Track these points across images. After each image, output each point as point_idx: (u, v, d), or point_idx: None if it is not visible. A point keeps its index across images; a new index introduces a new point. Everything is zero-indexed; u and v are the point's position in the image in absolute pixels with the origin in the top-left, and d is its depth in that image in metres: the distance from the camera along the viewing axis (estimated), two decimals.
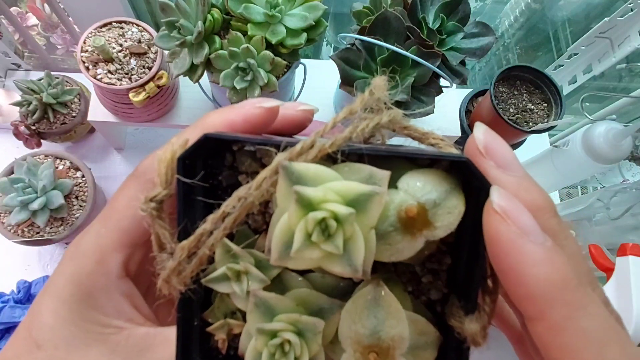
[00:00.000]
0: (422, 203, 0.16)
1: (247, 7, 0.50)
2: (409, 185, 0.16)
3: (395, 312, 0.16)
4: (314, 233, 0.15)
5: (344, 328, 0.17)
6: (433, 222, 0.16)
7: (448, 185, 0.16)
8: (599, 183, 0.93)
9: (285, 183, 0.15)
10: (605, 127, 0.61)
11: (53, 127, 0.69)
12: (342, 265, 0.15)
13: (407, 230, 0.16)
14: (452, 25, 0.53)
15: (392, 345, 0.16)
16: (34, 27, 0.89)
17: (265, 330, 0.17)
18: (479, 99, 0.77)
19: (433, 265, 0.18)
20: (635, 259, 0.47)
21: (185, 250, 0.17)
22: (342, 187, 0.15)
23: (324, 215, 0.15)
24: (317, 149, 0.16)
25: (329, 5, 0.54)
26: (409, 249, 0.16)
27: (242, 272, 0.18)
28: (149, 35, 0.62)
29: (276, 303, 0.17)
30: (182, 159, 0.17)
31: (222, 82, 0.52)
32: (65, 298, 0.20)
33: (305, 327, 0.17)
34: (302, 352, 0.17)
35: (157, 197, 0.18)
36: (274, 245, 0.16)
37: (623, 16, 0.66)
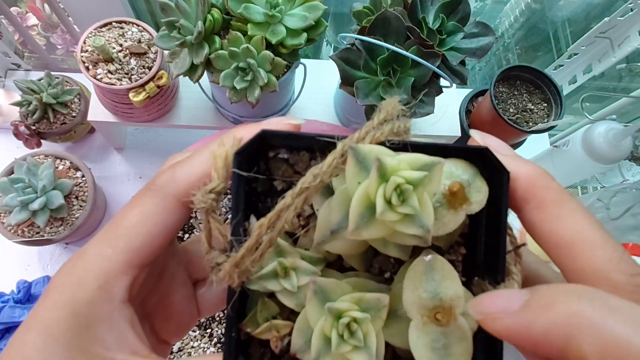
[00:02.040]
0: (460, 182, 0.18)
1: (247, 7, 0.50)
2: (445, 169, 0.18)
3: (449, 274, 0.18)
4: (392, 197, 0.16)
5: (407, 295, 0.18)
6: (470, 198, 0.18)
7: (473, 170, 0.19)
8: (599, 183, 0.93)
9: (354, 161, 0.17)
10: (605, 127, 0.61)
11: (53, 127, 0.69)
12: (416, 227, 0.17)
13: (451, 205, 0.18)
14: (452, 25, 0.53)
15: (452, 304, 0.18)
16: (34, 27, 0.89)
17: (333, 310, 0.17)
18: (479, 99, 0.77)
19: (450, 256, 0.20)
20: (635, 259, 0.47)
21: (265, 227, 0.18)
22: (410, 158, 0.17)
23: (401, 181, 0.16)
24: (370, 137, 0.18)
25: (329, 5, 0.54)
26: (453, 221, 0.18)
27: (290, 268, 0.19)
28: (149, 35, 0.62)
29: (335, 288, 0.18)
30: (238, 154, 0.18)
31: (222, 82, 0.52)
32: (59, 333, 0.17)
33: (369, 304, 0.18)
34: (368, 330, 0.17)
35: (215, 189, 0.19)
36: (352, 216, 0.17)
37: (623, 16, 0.66)
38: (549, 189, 0.19)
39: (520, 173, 0.19)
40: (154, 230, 0.19)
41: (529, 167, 0.20)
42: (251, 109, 0.56)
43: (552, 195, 0.19)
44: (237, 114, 0.65)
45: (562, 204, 0.19)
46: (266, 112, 0.66)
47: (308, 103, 0.70)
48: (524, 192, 0.19)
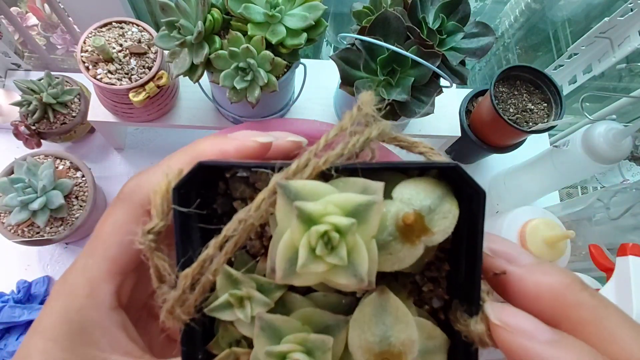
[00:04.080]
0: (418, 210, 0.16)
1: (247, 7, 0.50)
2: (403, 194, 0.17)
3: (402, 316, 0.17)
4: (317, 247, 0.15)
5: (354, 338, 0.17)
6: (430, 227, 0.16)
7: (440, 192, 0.17)
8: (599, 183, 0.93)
9: (284, 201, 0.16)
10: (605, 127, 0.61)
11: (53, 127, 0.69)
12: (348, 277, 0.15)
13: (407, 238, 0.16)
14: (452, 25, 0.53)
15: (403, 350, 0.16)
16: (34, 27, 0.89)
17: (274, 353, 0.17)
18: (479, 99, 0.77)
19: (432, 273, 0.19)
20: (635, 259, 0.47)
21: (189, 278, 0.17)
22: (340, 200, 0.15)
23: (326, 228, 0.15)
24: (311, 167, 0.16)
25: (329, 5, 0.54)
26: (410, 256, 0.16)
27: (244, 298, 0.18)
28: (149, 35, 0.62)
29: (282, 324, 0.17)
30: (177, 188, 0.17)
31: (222, 82, 0.52)
32: (56, 337, 0.19)
33: (314, 345, 0.17)
34: None
35: (154, 229, 0.18)
36: (279, 264, 0.16)
37: (623, 16, 0.66)
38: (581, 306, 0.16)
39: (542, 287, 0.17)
40: (126, 240, 0.19)
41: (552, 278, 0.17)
42: (251, 109, 0.56)
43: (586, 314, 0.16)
44: (237, 114, 0.65)
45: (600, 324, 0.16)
46: (266, 112, 0.66)
47: (308, 103, 0.70)
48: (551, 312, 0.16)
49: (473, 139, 0.74)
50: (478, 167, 0.86)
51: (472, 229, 0.17)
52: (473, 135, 0.74)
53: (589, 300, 0.16)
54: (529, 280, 0.17)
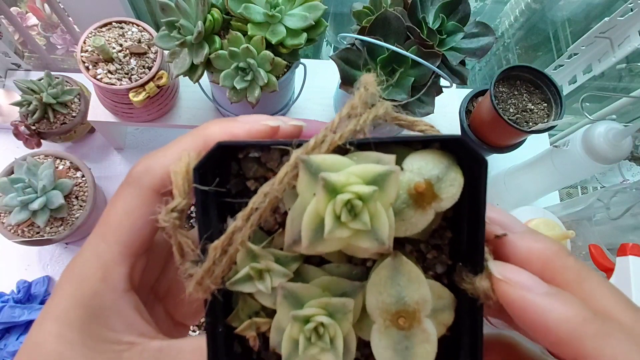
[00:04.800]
0: (428, 179, 0.18)
1: (247, 7, 0.50)
2: (413, 165, 0.18)
3: (415, 278, 0.18)
4: (342, 214, 0.16)
5: (371, 300, 0.18)
6: (439, 194, 0.18)
7: (446, 162, 0.18)
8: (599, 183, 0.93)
9: (306, 174, 0.17)
10: (605, 127, 0.61)
11: (53, 127, 0.69)
12: (371, 240, 0.17)
13: (418, 205, 0.18)
14: (452, 25, 0.53)
15: (417, 308, 0.18)
16: (34, 27, 0.89)
17: (299, 317, 0.18)
18: (479, 99, 0.77)
19: (436, 240, 0.20)
20: (635, 259, 0.47)
21: (219, 250, 0.18)
22: (361, 170, 0.17)
23: (350, 197, 0.16)
24: (328, 142, 0.18)
25: (329, 5, 0.54)
26: (421, 221, 0.18)
27: (264, 270, 0.19)
28: (149, 35, 0.62)
29: (303, 292, 0.18)
30: (197, 169, 0.18)
31: (222, 82, 0.52)
32: (71, 321, 0.19)
33: (335, 308, 0.18)
34: (335, 332, 0.18)
35: (177, 207, 0.19)
36: (305, 232, 0.17)
37: (623, 16, 0.66)
38: (567, 268, 0.19)
39: (533, 252, 0.19)
40: (138, 223, 0.20)
41: (542, 244, 0.19)
42: (251, 109, 0.56)
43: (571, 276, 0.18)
44: (237, 113, 0.65)
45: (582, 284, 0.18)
46: (266, 112, 0.66)
47: (308, 103, 0.70)
48: (540, 274, 0.18)
49: (473, 139, 0.73)
50: None
51: (475, 196, 0.18)
52: (473, 135, 0.74)
53: (573, 264, 0.19)
54: (522, 245, 0.19)
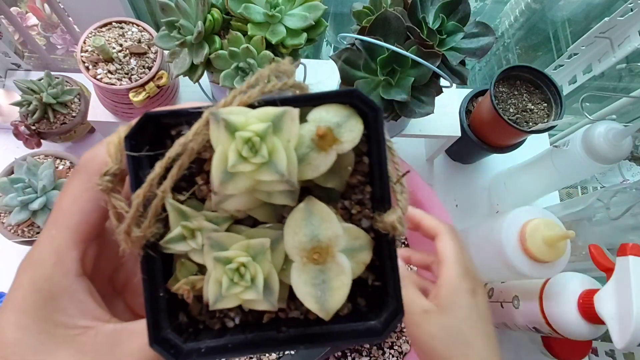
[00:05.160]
0: (328, 125, 0.20)
1: (247, 7, 0.50)
2: (316, 116, 0.20)
3: (327, 217, 0.20)
4: (243, 150, 0.18)
5: (288, 241, 0.20)
6: (339, 138, 0.20)
7: (347, 112, 0.20)
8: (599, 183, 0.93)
9: (215, 125, 0.18)
10: (605, 127, 0.61)
11: (53, 127, 0.69)
12: (271, 173, 0.18)
13: (321, 148, 0.20)
14: (452, 25, 0.53)
15: (330, 243, 0.20)
16: (34, 27, 0.89)
17: (221, 258, 0.20)
18: (479, 99, 0.77)
19: (357, 196, 0.22)
20: (635, 259, 0.47)
21: (141, 197, 0.19)
22: (259, 112, 0.19)
23: (249, 135, 0.18)
24: (237, 101, 0.19)
25: (329, 5, 0.54)
26: (324, 163, 0.20)
27: (196, 229, 0.20)
28: (149, 35, 0.62)
29: (228, 240, 0.20)
30: (128, 137, 0.20)
31: (222, 82, 0.52)
32: (27, 308, 0.20)
33: (255, 249, 0.20)
34: (256, 271, 0.20)
35: (109, 172, 0.20)
36: (214, 173, 0.18)
37: (623, 16, 0.66)
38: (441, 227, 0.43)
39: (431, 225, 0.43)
40: (85, 207, 0.21)
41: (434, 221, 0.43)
42: None
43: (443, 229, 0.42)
44: None
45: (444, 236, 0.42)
46: None
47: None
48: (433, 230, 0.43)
49: (473, 139, 0.74)
50: (478, 167, 0.86)
51: (377, 142, 0.21)
52: (473, 135, 0.74)
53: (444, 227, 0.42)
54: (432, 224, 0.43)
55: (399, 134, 0.68)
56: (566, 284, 0.55)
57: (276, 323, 0.21)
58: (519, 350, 0.74)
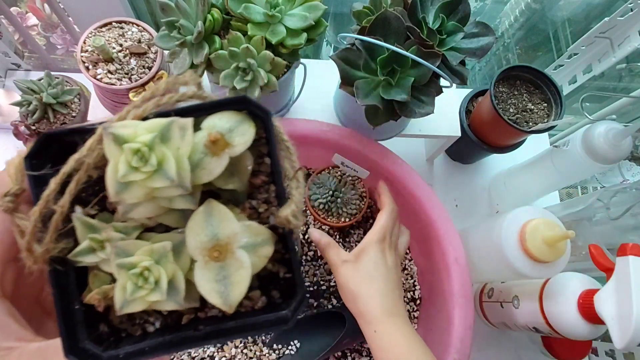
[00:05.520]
0: (219, 131, 0.21)
1: (247, 7, 0.50)
2: (209, 123, 0.22)
3: (225, 216, 0.21)
4: (133, 160, 0.19)
5: (190, 242, 0.21)
6: (231, 142, 0.21)
7: (239, 118, 0.22)
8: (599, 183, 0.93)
9: (107, 140, 0.19)
10: (605, 127, 0.61)
11: (53, 127, 0.69)
12: (162, 179, 0.19)
13: (214, 153, 0.21)
14: (452, 25, 0.53)
15: (229, 241, 0.21)
16: (34, 27, 0.89)
17: (125, 264, 0.20)
18: (479, 99, 0.77)
19: (263, 195, 0.23)
20: (635, 259, 0.47)
21: (37, 213, 0.20)
22: (148, 124, 0.20)
23: (138, 146, 0.19)
24: (132, 115, 0.20)
25: (329, 5, 0.54)
26: (218, 166, 0.21)
27: (105, 240, 0.21)
28: (149, 35, 0.62)
29: (134, 247, 0.21)
30: (27, 157, 0.20)
31: (222, 82, 0.52)
32: None
33: (158, 253, 0.21)
34: (160, 273, 0.20)
35: (10, 192, 0.21)
36: (109, 183, 0.20)
37: (623, 16, 0.66)
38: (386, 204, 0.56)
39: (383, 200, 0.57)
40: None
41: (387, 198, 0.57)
42: None
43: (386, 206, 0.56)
44: None
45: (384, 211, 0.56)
46: None
47: (308, 103, 0.70)
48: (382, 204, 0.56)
49: (473, 139, 0.74)
50: (478, 167, 0.86)
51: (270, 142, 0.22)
52: (473, 135, 0.74)
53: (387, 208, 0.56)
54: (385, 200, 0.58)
55: (399, 134, 0.68)
56: (566, 284, 0.55)
57: (195, 323, 0.22)
58: (519, 350, 0.74)
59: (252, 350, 0.60)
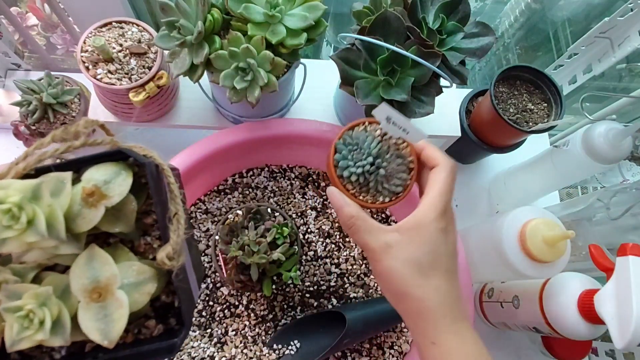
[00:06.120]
0: (95, 184, 0.23)
1: (247, 7, 0.50)
2: (87, 176, 0.23)
3: (106, 260, 0.23)
4: (4, 219, 0.21)
5: (74, 284, 0.23)
6: (108, 194, 0.23)
7: (118, 168, 0.23)
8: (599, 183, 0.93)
9: None
10: (605, 127, 0.61)
11: (53, 127, 0.69)
12: (34, 235, 0.21)
13: (90, 205, 0.23)
14: (452, 25, 0.53)
15: (109, 283, 0.22)
16: (34, 27, 0.89)
17: (11, 308, 0.22)
18: (479, 99, 0.77)
19: (156, 232, 0.25)
20: (635, 259, 0.47)
21: None
22: (20, 185, 0.22)
23: (9, 206, 0.21)
24: (13, 171, 0.23)
25: (329, 5, 0.54)
26: (95, 216, 0.23)
27: (1, 282, 0.22)
28: (149, 35, 0.62)
29: (23, 290, 0.22)
30: None
31: (222, 82, 0.52)
32: None
33: (44, 296, 0.22)
34: (44, 315, 0.22)
35: None
36: None
37: (623, 16, 0.66)
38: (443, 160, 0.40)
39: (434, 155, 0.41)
40: None
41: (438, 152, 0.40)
42: (251, 109, 0.56)
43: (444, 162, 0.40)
44: (237, 114, 0.65)
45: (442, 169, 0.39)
46: (266, 112, 0.66)
47: (308, 103, 0.70)
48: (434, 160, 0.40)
49: (473, 139, 0.74)
50: (478, 167, 0.86)
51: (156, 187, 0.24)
52: (473, 135, 0.74)
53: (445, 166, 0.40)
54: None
55: None
56: (566, 284, 0.55)
57: (97, 350, 0.24)
58: (519, 350, 0.74)
59: (252, 350, 0.60)
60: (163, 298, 0.25)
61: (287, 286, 0.64)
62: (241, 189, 0.69)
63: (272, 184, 0.69)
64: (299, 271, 0.65)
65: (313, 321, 0.62)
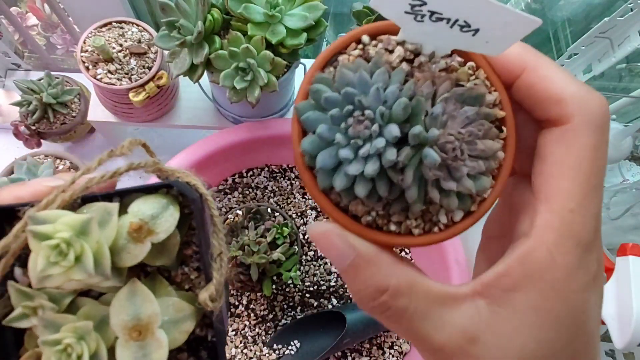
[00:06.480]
0: (142, 218, 0.22)
1: (247, 7, 0.50)
2: (134, 209, 0.23)
3: (148, 297, 0.22)
4: (51, 255, 0.20)
5: (114, 320, 0.22)
6: (155, 229, 0.22)
7: (165, 201, 0.23)
8: None
9: (29, 234, 0.20)
10: None
11: (53, 127, 0.69)
12: (81, 273, 0.20)
13: (136, 240, 0.22)
14: None
15: (149, 321, 0.22)
16: (34, 27, 0.89)
17: (49, 341, 0.21)
18: None
19: (194, 263, 0.25)
20: (635, 259, 0.47)
21: None
22: (68, 219, 0.21)
23: (57, 242, 0.20)
24: (59, 200, 0.22)
25: (329, 5, 0.54)
26: (141, 252, 0.22)
27: (37, 307, 0.22)
28: (149, 35, 0.62)
29: (61, 320, 0.22)
30: None
31: (222, 82, 0.52)
32: None
33: (82, 331, 0.22)
34: (82, 350, 0.21)
35: None
36: (31, 274, 0.21)
37: (623, 16, 0.66)
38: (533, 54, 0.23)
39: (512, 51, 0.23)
40: None
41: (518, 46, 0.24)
42: (251, 109, 0.56)
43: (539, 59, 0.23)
44: (237, 114, 0.65)
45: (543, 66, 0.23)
46: (266, 112, 0.66)
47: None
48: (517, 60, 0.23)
49: None
50: None
51: (200, 223, 0.23)
52: None
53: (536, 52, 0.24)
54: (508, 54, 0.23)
55: None
56: None
57: None
58: None
59: (252, 350, 0.60)
60: (197, 331, 0.25)
61: (287, 286, 0.64)
62: (241, 189, 0.69)
63: (272, 184, 0.69)
64: (299, 271, 0.65)
65: (313, 321, 0.62)
